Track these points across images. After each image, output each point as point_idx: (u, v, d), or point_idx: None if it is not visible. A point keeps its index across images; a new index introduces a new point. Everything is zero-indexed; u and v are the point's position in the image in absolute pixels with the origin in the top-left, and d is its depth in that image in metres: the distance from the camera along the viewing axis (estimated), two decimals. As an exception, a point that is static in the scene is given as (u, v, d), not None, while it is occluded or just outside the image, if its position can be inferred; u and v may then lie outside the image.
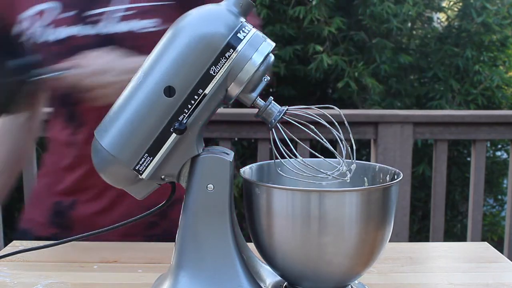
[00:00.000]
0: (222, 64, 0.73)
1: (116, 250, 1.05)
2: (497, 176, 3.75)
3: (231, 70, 0.73)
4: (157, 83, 0.73)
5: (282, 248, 0.75)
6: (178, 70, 0.73)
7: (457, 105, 3.50)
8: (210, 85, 0.73)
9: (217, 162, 0.76)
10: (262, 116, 0.78)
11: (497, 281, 0.92)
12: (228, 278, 0.77)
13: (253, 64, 0.73)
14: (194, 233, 0.77)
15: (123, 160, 0.74)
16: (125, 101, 0.75)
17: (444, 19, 3.93)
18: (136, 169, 0.75)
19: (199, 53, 0.72)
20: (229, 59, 0.73)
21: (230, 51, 0.72)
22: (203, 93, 0.73)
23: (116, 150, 0.74)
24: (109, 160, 0.75)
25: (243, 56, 0.73)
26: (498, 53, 3.69)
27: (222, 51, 0.72)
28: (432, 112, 2.63)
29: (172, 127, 0.73)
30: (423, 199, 3.62)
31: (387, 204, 0.75)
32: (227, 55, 0.72)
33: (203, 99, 0.74)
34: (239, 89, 0.74)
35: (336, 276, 0.77)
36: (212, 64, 0.73)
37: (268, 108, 0.77)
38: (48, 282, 0.91)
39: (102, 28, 1.10)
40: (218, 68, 0.73)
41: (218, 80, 0.73)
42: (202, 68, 0.73)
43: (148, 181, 0.77)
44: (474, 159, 2.37)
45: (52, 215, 1.20)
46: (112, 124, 0.75)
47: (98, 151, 0.76)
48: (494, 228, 3.80)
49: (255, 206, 0.76)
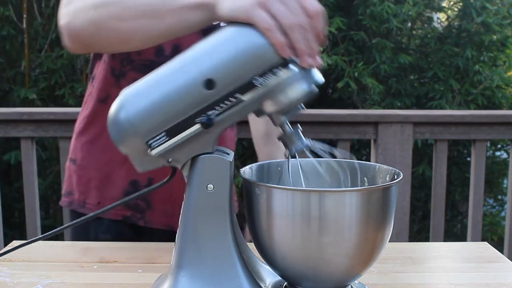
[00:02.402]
0: (268, 79, 0.72)
1: (116, 250, 1.05)
2: (497, 176, 3.75)
3: (275, 88, 0.73)
4: (201, 72, 0.72)
5: (282, 248, 0.75)
6: (225, 67, 0.72)
7: (457, 105, 3.50)
8: (249, 93, 0.73)
9: (217, 162, 0.76)
10: (284, 141, 0.78)
11: (497, 281, 0.92)
12: (228, 278, 0.77)
13: (298, 90, 0.73)
14: (194, 233, 0.77)
15: (140, 130, 0.74)
16: (165, 76, 0.75)
17: (444, 19, 3.93)
18: (148, 143, 0.74)
19: (251, 59, 0.72)
20: (277, 77, 0.72)
21: (281, 69, 0.72)
22: (240, 98, 0.73)
23: (137, 118, 0.74)
24: (126, 126, 0.74)
25: (291, 79, 0.73)
26: (498, 53, 3.69)
27: (272, 66, 0.72)
28: (432, 112, 2.63)
29: (199, 118, 0.73)
30: (423, 199, 3.62)
31: (387, 204, 0.75)
32: (276, 72, 0.72)
33: (238, 104, 0.73)
34: (275, 109, 0.74)
35: (336, 276, 0.77)
36: (258, 75, 0.72)
37: (293, 137, 0.77)
38: (48, 282, 0.91)
39: None
40: (263, 80, 0.73)
41: (258, 92, 0.73)
42: (247, 75, 0.72)
43: (155, 158, 0.76)
44: (474, 159, 2.37)
45: (126, 195, 1.13)
46: (143, 93, 0.75)
47: (120, 109, 0.75)
48: (494, 228, 3.80)
49: (255, 206, 0.76)
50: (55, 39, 3.62)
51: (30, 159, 2.32)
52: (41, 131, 2.31)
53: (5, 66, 3.67)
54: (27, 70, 3.57)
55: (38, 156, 3.05)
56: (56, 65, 3.52)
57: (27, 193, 2.33)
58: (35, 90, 3.49)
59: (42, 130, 2.31)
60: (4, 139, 3.32)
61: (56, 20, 3.85)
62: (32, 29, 3.63)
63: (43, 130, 2.31)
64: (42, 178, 3.44)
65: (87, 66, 3.46)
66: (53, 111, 2.31)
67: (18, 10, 3.59)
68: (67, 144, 2.32)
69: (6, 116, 2.29)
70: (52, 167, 3.55)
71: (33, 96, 3.45)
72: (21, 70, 3.62)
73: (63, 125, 2.29)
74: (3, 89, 3.68)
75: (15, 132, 2.31)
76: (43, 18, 3.66)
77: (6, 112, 2.30)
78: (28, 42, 3.56)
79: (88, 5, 0.91)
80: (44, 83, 3.58)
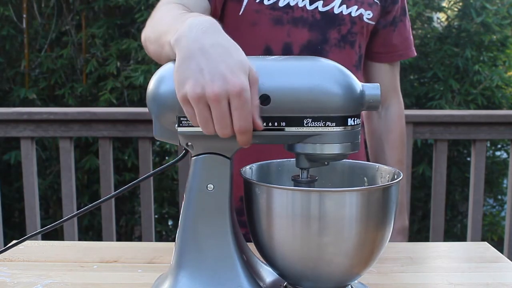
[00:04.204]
0: (315, 125, 0.72)
1: (116, 250, 1.05)
2: (497, 176, 3.75)
3: (317, 136, 0.73)
4: (263, 83, 0.71)
5: (282, 248, 0.75)
6: (285, 93, 0.71)
7: (457, 105, 3.50)
8: (292, 128, 0.72)
9: (217, 162, 0.76)
10: (296, 180, 0.79)
11: (497, 281, 0.92)
12: (228, 278, 0.77)
13: (335, 149, 0.73)
14: (194, 233, 0.77)
15: (179, 104, 0.71)
16: None
17: (444, 19, 3.92)
18: (179, 118, 0.73)
19: (311, 98, 0.71)
20: (325, 128, 0.72)
21: (332, 124, 0.72)
22: (282, 127, 0.72)
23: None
24: (170, 96, 0.73)
25: (335, 136, 0.72)
26: (498, 53, 3.68)
27: (326, 117, 0.72)
28: (432, 112, 2.63)
29: None
30: (423, 199, 3.62)
31: (387, 204, 0.75)
32: (325, 123, 0.72)
33: (277, 131, 0.73)
34: (303, 151, 0.74)
35: (336, 276, 0.77)
36: (310, 118, 0.72)
37: (303, 184, 0.78)
38: (48, 282, 0.91)
39: (321, 5, 1.17)
40: (311, 124, 0.72)
41: (300, 131, 0.73)
42: (301, 112, 0.72)
43: (175, 133, 0.75)
44: (474, 159, 2.37)
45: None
46: None
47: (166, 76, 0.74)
48: (494, 228, 3.79)
49: (255, 206, 0.76)
50: (55, 39, 3.62)
51: (30, 159, 2.32)
52: (41, 131, 2.31)
53: (5, 66, 3.67)
54: (27, 70, 3.57)
55: (38, 156, 3.05)
56: (56, 65, 3.51)
57: (27, 193, 2.33)
58: (35, 90, 3.49)
59: (42, 130, 2.31)
60: (4, 139, 3.32)
61: (56, 20, 3.83)
62: (32, 29, 3.63)
63: (43, 130, 2.31)
64: (42, 178, 3.44)
65: (87, 66, 3.45)
66: (53, 111, 2.31)
67: (18, 10, 3.58)
68: (67, 144, 2.32)
69: (6, 116, 2.29)
70: (52, 167, 3.55)
71: (33, 96, 3.45)
72: (21, 70, 3.62)
73: (63, 125, 2.30)
74: (3, 89, 3.67)
75: (15, 132, 2.31)
76: (43, 18, 3.65)
77: (6, 112, 2.31)
78: (28, 42, 3.56)
79: (149, 21, 1.00)
80: (44, 83, 3.58)
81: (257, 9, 1.15)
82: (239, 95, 0.67)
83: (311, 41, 1.17)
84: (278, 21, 1.16)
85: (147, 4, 3.37)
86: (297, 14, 1.16)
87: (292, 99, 0.71)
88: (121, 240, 3.47)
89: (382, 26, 1.28)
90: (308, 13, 1.17)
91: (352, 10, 1.19)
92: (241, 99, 0.67)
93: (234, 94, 0.67)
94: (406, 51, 1.35)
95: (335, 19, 1.18)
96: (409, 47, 1.35)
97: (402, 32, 1.32)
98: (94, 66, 3.41)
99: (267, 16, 1.16)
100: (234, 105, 0.67)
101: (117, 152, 3.37)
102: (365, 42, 1.26)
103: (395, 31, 1.30)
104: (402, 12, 1.30)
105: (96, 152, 3.21)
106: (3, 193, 2.91)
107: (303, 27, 1.17)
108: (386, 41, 1.31)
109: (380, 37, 1.30)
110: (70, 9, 3.63)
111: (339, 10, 1.18)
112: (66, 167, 2.33)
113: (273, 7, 1.16)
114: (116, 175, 3.30)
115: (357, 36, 1.22)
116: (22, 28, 3.58)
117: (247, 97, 0.67)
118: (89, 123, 2.30)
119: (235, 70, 0.68)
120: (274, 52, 1.17)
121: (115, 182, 2.59)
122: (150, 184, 2.36)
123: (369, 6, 1.21)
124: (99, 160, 2.38)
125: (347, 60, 1.20)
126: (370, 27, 1.25)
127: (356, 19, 1.20)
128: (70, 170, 2.33)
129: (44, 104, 3.57)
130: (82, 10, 3.57)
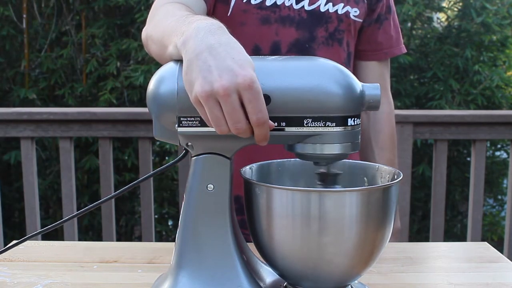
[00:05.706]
0: (315, 125, 0.72)
1: (116, 250, 1.05)
2: (497, 176, 3.75)
3: (317, 136, 0.73)
4: (263, 84, 0.70)
5: (282, 248, 0.75)
6: (286, 93, 0.71)
7: (457, 105, 3.50)
8: (292, 128, 0.72)
9: (217, 162, 0.76)
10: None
11: (497, 281, 0.92)
12: (228, 278, 0.77)
13: (335, 149, 0.73)
14: (194, 233, 0.77)
15: (178, 105, 0.72)
16: None
17: (444, 19, 3.92)
18: (179, 118, 0.73)
19: (311, 98, 0.71)
20: (325, 128, 0.72)
21: (332, 124, 0.72)
22: (282, 127, 0.72)
23: (182, 92, 0.72)
24: (170, 96, 0.73)
25: (336, 136, 0.72)
26: (498, 53, 3.68)
27: (326, 117, 0.72)
28: (432, 112, 2.63)
29: None
30: (423, 199, 3.61)
31: (387, 204, 0.75)
32: (325, 123, 0.72)
33: (277, 131, 0.72)
34: (303, 152, 0.74)
35: (336, 276, 0.77)
36: (310, 118, 0.72)
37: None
38: (48, 282, 0.91)
39: (307, 4, 1.18)
40: (311, 124, 0.72)
41: (300, 131, 0.73)
42: (301, 112, 0.72)
43: (175, 134, 0.75)
44: (474, 159, 2.37)
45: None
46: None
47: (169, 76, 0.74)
48: (494, 228, 3.79)
49: (255, 206, 0.76)
50: (55, 39, 3.62)
51: (30, 159, 2.32)
52: (41, 131, 2.31)
53: (5, 66, 3.67)
54: (27, 70, 3.57)
55: (38, 156, 3.05)
56: (56, 65, 3.51)
57: (27, 193, 2.33)
58: (35, 90, 3.49)
59: (42, 130, 2.31)
60: (4, 139, 3.32)
61: (56, 20, 3.83)
62: (32, 29, 3.63)
63: (43, 130, 2.31)
64: (42, 178, 3.44)
65: (86, 66, 3.46)
66: (53, 111, 2.31)
67: (18, 10, 3.58)
68: (67, 144, 2.32)
69: (6, 116, 2.29)
70: (52, 167, 3.55)
71: (33, 96, 3.45)
72: (21, 70, 3.62)
73: (63, 125, 2.30)
74: (3, 89, 3.67)
75: (15, 132, 2.31)
76: (43, 18, 3.65)
77: (6, 112, 2.31)
78: (28, 42, 3.56)
79: (150, 19, 1.02)
80: (44, 83, 3.58)
81: (244, 9, 1.16)
82: (250, 87, 0.66)
83: (299, 39, 1.18)
84: (266, 21, 1.17)
85: (147, 4, 3.37)
86: (284, 13, 1.17)
87: (292, 99, 0.71)
88: (121, 240, 3.47)
89: (368, 23, 1.29)
90: (295, 12, 1.18)
91: (339, 7, 1.20)
92: (253, 90, 0.67)
93: (246, 87, 0.66)
94: (391, 49, 1.34)
95: (322, 17, 1.19)
96: (394, 45, 1.35)
97: (387, 30, 1.32)
98: (94, 66, 3.41)
99: (254, 16, 1.16)
100: (247, 98, 0.67)
101: (117, 152, 3.37)
102: (353, 40, 1.27)
103: (380, 29, 1.31)
104: (387, 10, 1.31)
105: (96, 152, 3.21)
106: (3, 193, 2.91)
107: (290, 25, 1.17)
108: (371, 38, 1.31)
109: (365, 35, 1.30)
110: (70, 9, 3.63)
111: (325, 8, 1.19)
112: (66, 167, 2.33)
113: (260, 6, 1.16)
114: (116, 175, 3.30)
115: (344, 34, 1.22)
116: (22, 28, 3.58)
117: (259, 88, 0.67)
118: (89, 123, 2.30)
119: (243, 64, 0.67)
120: (263, 51, 1.17)
121: (115, 182, 2.59)
122: (150, 184, 2.36)
123: (356, 4, 1.22)
124: (99, 160, 2.38)
125: (336, 58, 1.20)
126: (358, 25, 1.25)
127: (342, 16, 1.21)
128: (70, 170, 2.33)
129: (44, 104, 3.57)
130: (82, 10, 3.57)
